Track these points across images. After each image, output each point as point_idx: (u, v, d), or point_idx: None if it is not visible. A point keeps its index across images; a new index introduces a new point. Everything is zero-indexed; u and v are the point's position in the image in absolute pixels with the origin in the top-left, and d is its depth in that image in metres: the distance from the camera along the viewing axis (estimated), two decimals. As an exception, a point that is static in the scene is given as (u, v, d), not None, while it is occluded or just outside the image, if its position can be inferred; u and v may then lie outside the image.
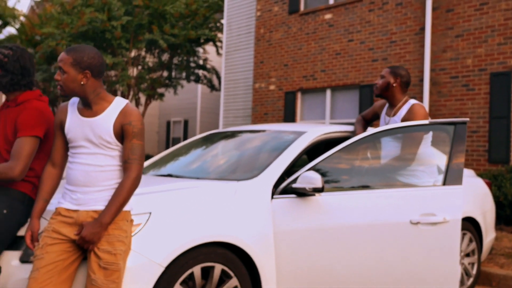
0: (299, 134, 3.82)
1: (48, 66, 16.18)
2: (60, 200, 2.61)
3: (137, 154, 2.54)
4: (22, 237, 2.78)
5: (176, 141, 20.52)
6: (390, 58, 9.63)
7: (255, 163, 3.60)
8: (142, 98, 18.17)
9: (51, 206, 2.86)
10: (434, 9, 9.07)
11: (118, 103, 2.58)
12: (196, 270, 2.89)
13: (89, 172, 2.53)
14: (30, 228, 2.59)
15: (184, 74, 16.77)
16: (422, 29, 9.19)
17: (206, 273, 2.99)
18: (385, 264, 3.40)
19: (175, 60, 16.13)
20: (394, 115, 3.97)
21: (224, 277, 3.03)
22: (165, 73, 16.61)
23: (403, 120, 3.89)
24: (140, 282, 2.65)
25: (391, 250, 3.40)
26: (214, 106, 19.25)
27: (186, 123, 20.03)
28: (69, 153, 2.65)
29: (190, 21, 14.74)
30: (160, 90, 16.47)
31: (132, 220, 2.65)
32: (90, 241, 2.43)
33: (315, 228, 3.30)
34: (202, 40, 15.26)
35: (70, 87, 2.50)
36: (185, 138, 20.01)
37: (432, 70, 9.06)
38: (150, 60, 15.97)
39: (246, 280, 3.10)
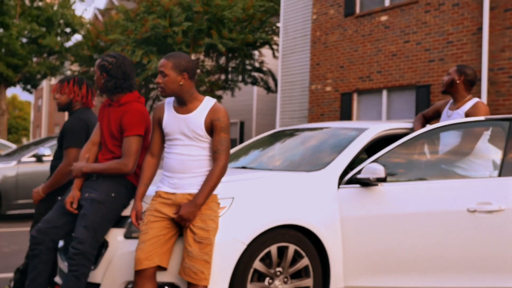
0: (362, 130, 4.14)
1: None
2: (159, 185, 3.07)
3: (225, 146, 2.96)
4: (126, 217, 3.25)
5: (233, 142, 21.07)
6: (447, 59, 9.74)
7: (322, 156, 3.95)
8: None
9: (149, 192, 3.32)
10: (491, 8, 9.13)
11: (208, 102, 3.01)
12: (273, 248, 3.28)
13: (184, 161, 2.97)
14: (135, 208, 3.05)
15: (240, 77, 17.27)
16: (480, 29, 9.26)
17: (281, 252, 3.36)
18: (444, 249, 3.68)
19: (232, 63, 16.67)
20: (457, 109, 4.23)
21: (297, 257, 3.40)
22: (222, 76, 17.17)
23: (466, 114, 4.14)
24: (226, 257, 3.07)
25: (449, 236, 3.67)
26: (269, 108, 19.67)
27: (242, 124, 20.55)
28: (165, 145, 3.10)
29: (247, 25, 15.23)
30: (218, 92, 17.02)
31: (219, 203, 3.07)
32: (186, 219, 2.86)
33: (378, 214, 3.62)
34: (258, 44, 15.72)
35: (171, 88, 2.95)
36: (241, 139, 20.53)
37: (490, 69, 9.11)
38: (208, 63, 16.57)
39: (316, 260, 3.46)
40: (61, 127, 3.84)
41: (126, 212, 3.27)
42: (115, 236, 3.20)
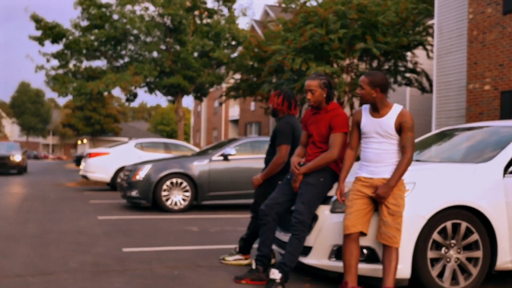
0: (524, 128, 4.73)
1: (271, 77, 18.53)
2: (358, 172, 4.05)
3: (410, 142, 3.85)
4: (330, 197, 4.28)
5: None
6: None
7: (487, 150, 4.64)
8: (356, 103, 19.55)
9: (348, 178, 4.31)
10: None
11: (396, 108, 3.92)
12: (448, 224, 4.08)
13: (379, 154, 3.91)
14: (339, 189, 4.06)
15: (393, 79, 17.73)
16: None
17: (455, 228, 4.14)
18: None
19: (385, 65, 17.20)
20: None
21: (468, 232, 4.16)
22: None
23: None
24: (411, 228, 3.94)
25: None
26: (422, 108, 19.81)
27: (395, 124, 20.81)
28: (362, 141, 4.07)
29: (400, 28, 15.69)
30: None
31: (405, 186, 3.96)
32: (382, 197, 3.80)
33: (541, 199, 4.23)
34: (412, 45, 16.09)
35: (366, 98, 3.91)
36: (394, 139, 20.77)
37: None
38: (362, 66, 17.29)
39: (485, 236, 4.18)
40: (273, 130, 4.99)
41: (331, 192, 4.30)
42: (323, 211, 4.25)
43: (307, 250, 4.29)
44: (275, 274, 4.08)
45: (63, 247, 5.87)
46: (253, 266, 4.44)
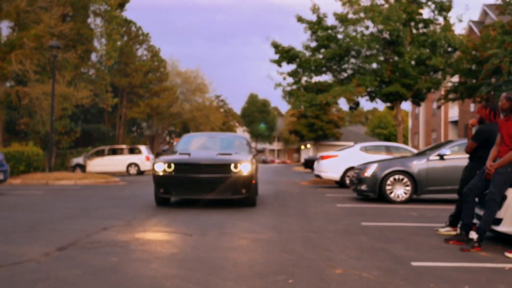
0: None
1: (490, 80, 19.02)
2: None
3: None
4: (518, 182, 5.84)
5: None
6: None
7: None
8: None
9: (530, 168, 5.82)
10: None
11: None
12: None
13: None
14: (522, 176, 5.63)
15: None
16: None
17: None
18: None
19: None
20: None
21: None
22: None
23: None
24: None
25: None
26: None
27: None
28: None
29: None
30: None
31: None
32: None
33: None
34: None
35: None
36: None
37: None
38: None
39: None
40: (476, 130, 6.65)
41: (517, 179, 5.86)
42: (511, 192, 5.83)
43: (498, 221, 5.91)
44: (473, 235, 5.82)
45: (319, 220, 8.33)
46: (458, 232, 6.22)
